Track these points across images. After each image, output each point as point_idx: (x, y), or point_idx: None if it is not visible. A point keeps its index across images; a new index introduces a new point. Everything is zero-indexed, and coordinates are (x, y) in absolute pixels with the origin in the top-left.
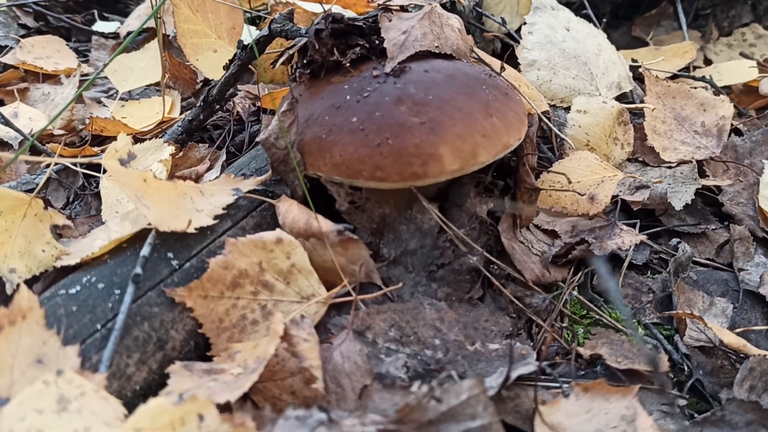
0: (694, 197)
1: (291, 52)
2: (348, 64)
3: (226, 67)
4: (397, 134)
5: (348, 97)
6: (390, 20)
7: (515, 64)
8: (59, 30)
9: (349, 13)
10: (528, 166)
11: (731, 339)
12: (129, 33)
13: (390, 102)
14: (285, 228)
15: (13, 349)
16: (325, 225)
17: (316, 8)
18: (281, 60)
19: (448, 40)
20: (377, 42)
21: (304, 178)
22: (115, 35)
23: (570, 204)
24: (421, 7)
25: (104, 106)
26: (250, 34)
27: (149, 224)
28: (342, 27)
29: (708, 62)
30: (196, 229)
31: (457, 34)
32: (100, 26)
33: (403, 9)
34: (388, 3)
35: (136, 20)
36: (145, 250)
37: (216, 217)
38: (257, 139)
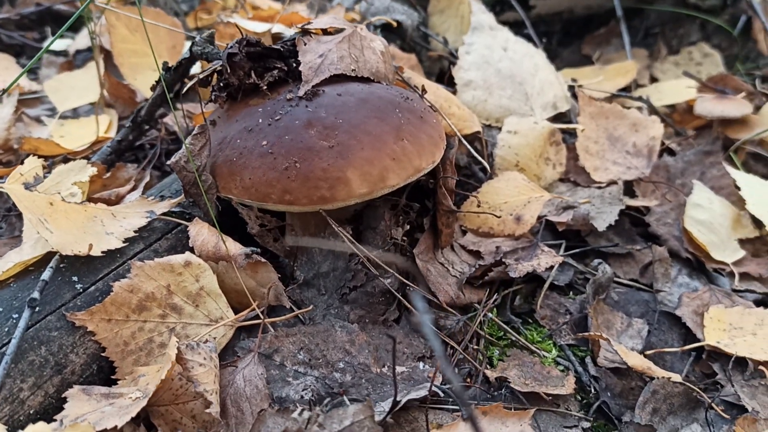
0: (621, 217)
1: (201, 76)
2: (265, 87)
3: (152, 89)
4: (305, 158)
5: (260, 120)
6: (307, 43)
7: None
8: (12, 48)
9: (291, 32)
10: (445, 189)
11: (636, 361)
12: (77, 51)
13: (300, 125)
14: (195, 250)
15: None
16: (234, 248)
17: (259, 28)
18: (190, 84)
19: (367, 63)
20: (295, 65)
21: (217, 200)
22: (65, 53)
23: (497, 224)
24: (342, 29)
25: (44, 124)
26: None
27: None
28: (259, 50)
29: (654, 80)
30: (103, 252)
31: (378, 57)
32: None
33: (326, 32)
34: (307, 26)
35: (85, 38)
36: (46, 274)
37: (126, 240)
38: (168, 162)
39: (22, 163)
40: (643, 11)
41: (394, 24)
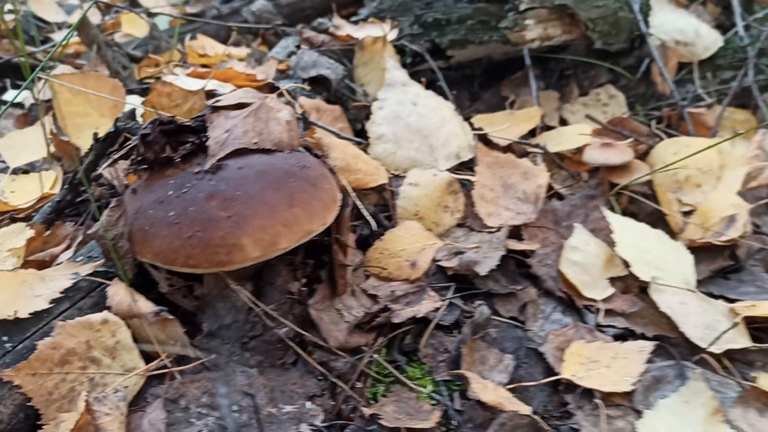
0: (507, 260)
1: (117, 156)
2: (179, 160)
3: (86, 155)
4: (205, 227)
5: (170, 192)
6: (215, 120)
7: None
8: None
9: (226, 87)
10: (338, 245)
11: (490, 397)
12: (33, 104)
13: (202, 198)
14: (112, 309)
15: None
16: (144, 307)
17: (194, 86)
18: (108, 163)
19: (270, 135)
20: (205, 139)
21: (133, 263)
22: (22, 105)
23: (395, 269)
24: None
25: None
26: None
27: None
28: (173, 127)
29: (564, 122)
30: (30, 313)
31: (282, 127)
32: (10, 96)
33: (241, 106)
34: (216, 103)
35: (43, 91)
36: None
37: (53, 301)
38: (87, 233)
39: None
40: (557, 53)
41: (308, 88)
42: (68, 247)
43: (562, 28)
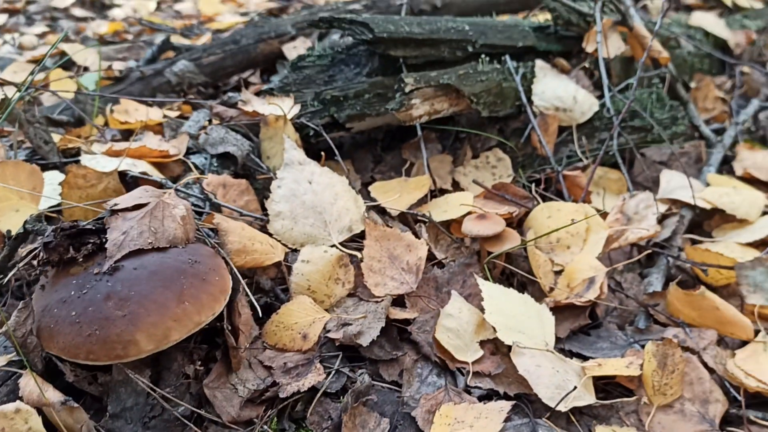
0: (390, 328)
1: (23, 264)
2: (81, 260)
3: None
4: (103, 326)
5: (72, 293)
6: (114, 223)
7: None
8: None
9: (139, 165)
10: (230, 330)
11: None
12: None
13: (100, 298)
14: (24, 398)
15: None
16: (52, 397)
17: (108, 166)
18: (18, 267)
19: (165, 233)
20: (105, 240)
21: (42, 356)
22: None
23: (289, 341)
24: (148, 203)
25: None
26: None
27: None
28: (75, 231)
29: (456, 184)
30: None
31: (177, 224)
32: None
33: (136, 207)
34: (114, 206)
35: None
36: None
37: None
38: None
39: None
40: (453, 118)
41: (207, 177)
42: None
43: (449, 102)
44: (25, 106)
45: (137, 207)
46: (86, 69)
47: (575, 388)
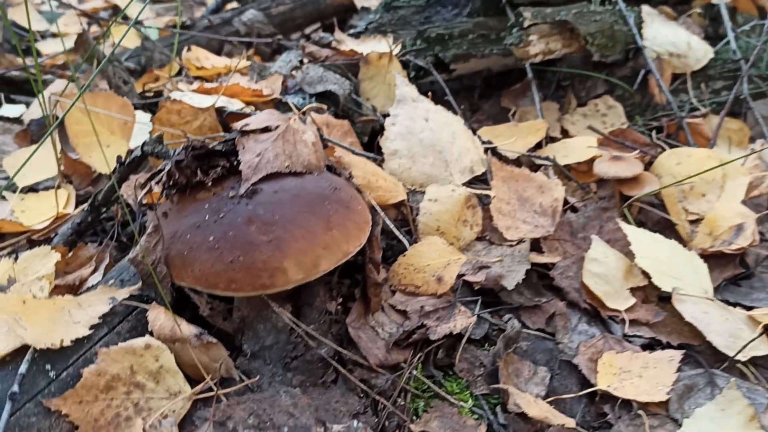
0: (529, 273)
1: (154, 182)
2: (210, 183)
3: (108, 177)
4: (247, 252)
5: (207, 217)
6: (245, 144)
7: None
8: None
9: (234, 103)
10: (372, 264)
11: (536, 411)
12: (33, 120)
13: (241, 222)
14: (154, 333)
15: None
16: (187, 330)
17: (204, 103)
18: (145, 191)
19: (299, 157)
20: (236, 162)
21: (172, 287)
22: (20, 120)
23: (421, 285)
24: (278, 126)
25: (4, 199)
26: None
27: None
28: (204, 151)
29: (565, 132)
30: (72, 341)
31: (310, 149)
32: (5, 110)
33: (264, 129)
34: (244, 127)
35: (39, 107)
36: (23, 368)
37: (92, 327)
38: (127, 258)
39: None
40: (554, 64)
41: (324, 107)
42: (95, 270)
43: (563, 42)
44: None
45: (264, 131)
46: (139, 23)
47: (761, 333)
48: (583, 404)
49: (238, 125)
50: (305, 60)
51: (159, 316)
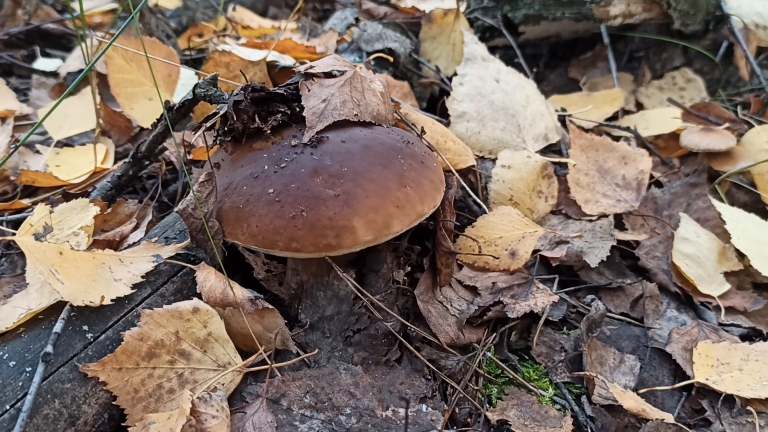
0: (611, 251)
1: (209, 123)
2: (269, 131)
3: (153, 126)
4: (311, 206)
5: (266, 167)
6: (310, 88)
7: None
8: (1, 67)
9: (285, 59)
10: (445, 230)
11: (631, 403)
12: (69, 74)
13: (306, 174)
14: (202, 296)
15: None
16: (241, 294)
17: (253, 56)
18: (200, 131)
19: (368, 107)
20: (298, 108)
21: (223, 245)
22: (55, 74)
23: (491, 260)
24: (344, 72)
25: (38, 153)
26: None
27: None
28: (263, 95)
29: (640, 106)
30: (113, 300)
31: (379, 99)
32: (41, 64)
33: (328, 75)
34: (309, 69)
35: (76, 60)
36: (58, 326)
37: (134, 286)
38: (175, 210)
39: (19, 197)
40: (628, 35)
41: (391, 59)
42: (137, 227)
43: (643, 6)
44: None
45: (328, 76)
46: None
47: None
48: (677, 398)
49: (301, 68)
50: (361, 18)
51: (209, 277)
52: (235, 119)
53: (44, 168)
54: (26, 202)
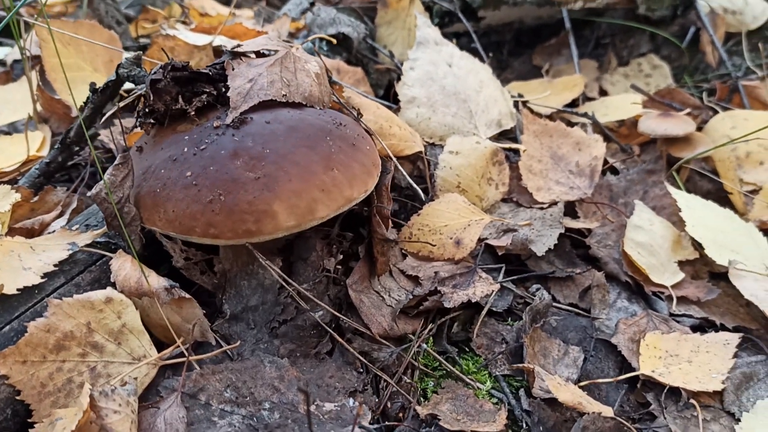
0: (561, 240)
1: (122, 104)
2: (193, 113)
3: (80, 109)
4: (229, 190)
5: (186, 149)
6: (236, 67)
7: None
8: None
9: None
10: (380, 217)
11: (567, 396)
12: (15, 61)
13: (226, 156)
14: (117, 285)
15: None
16: (156, 283)
17: (200, 41)
18: (111, 111)
19: (299, 87)
20: (224, 90)
21: (141, 232)
22: (2, 62)
23: (436, 248)
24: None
25: None
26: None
27: None
28: (186, 74)
29: (604, 93)
30: (19, 289)
31: (312, 80)
32: None
33: (260, 55)
34: (238, 48)
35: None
36: None
37: (45, 275)
38: (88, 194)
39: None
40: (594, 21)
41: (334, 41)
42: (61, 215)
43: None
44: None
45: (260, 56)
46: None
47: None
48: (622, 391)
49: (228, 46)
50: (317, 2)
51: (124, 266)
52: (153, 100)
53: None
54: None
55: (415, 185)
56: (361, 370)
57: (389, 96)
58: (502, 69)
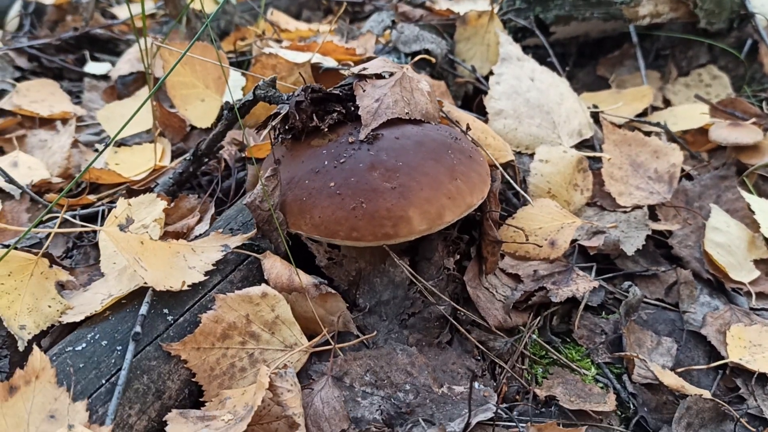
0: (646, 241)
1: (274, 123)
2: (326, 129)
3: (213, 125)
4: (370, 198)
5: (326, 163)
6: (364, 88)
7: (485, 110)
8: (52, 71)
9: (328, 60)
10: (491, 221)
11: (671, 380)
12: (120, 77)
13: (364, 168)
14: (269, 282)
15: (28, 406)
16: (305, 280)
17: (298, 58)
18: (266, 131)
19: (417, 105)
20: (353, 108)
21: (286, 236)
22: (106, 77)
23: (533, 249)
24: (393, 73)
25: (96, 151)
26: (227, 92)
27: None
28: (320, 95)
29: (667, 102)
30: (188, 285)
31: (426, 98)
32: (91, 68)
33: (378, 76)
34: (362, 71)
35: (126, 64)
36: (144, 309)
37: (206, 273)
38: (243, 203)
39: (82, 191)
40: (654, 34)
41: (433, 60)
42: (200, 220)
43: (670, 6)
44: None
45: (378, 77)
46: None
47: None
48: (712, 377)
49: (354, 70)
50: (398, 20)
51: (275, 265)
52: (296, 118)
53: (105, 166)
54: (92, 198)
55: (520, 189)
56: (479, 358)
57: (468, 106)
58: (568, 79)
